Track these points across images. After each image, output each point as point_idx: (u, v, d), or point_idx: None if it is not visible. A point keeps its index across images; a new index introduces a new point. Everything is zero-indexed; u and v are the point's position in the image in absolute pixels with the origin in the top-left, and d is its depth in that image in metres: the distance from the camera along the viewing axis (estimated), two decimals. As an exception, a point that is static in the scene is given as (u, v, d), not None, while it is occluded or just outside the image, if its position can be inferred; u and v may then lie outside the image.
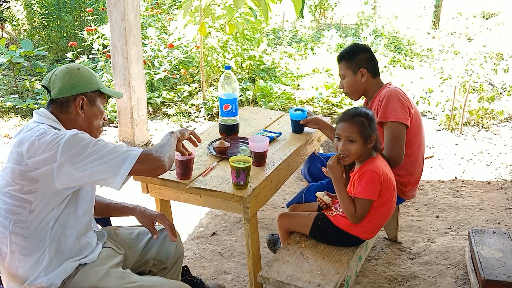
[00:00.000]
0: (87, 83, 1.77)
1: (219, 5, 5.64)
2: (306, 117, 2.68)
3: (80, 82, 1.75)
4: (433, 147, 4.59)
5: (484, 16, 11.80)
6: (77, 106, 1.75)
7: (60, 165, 1.57)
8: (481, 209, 3.46)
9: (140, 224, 2.02)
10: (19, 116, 5.30)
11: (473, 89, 5.96)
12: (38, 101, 5.41)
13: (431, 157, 4.39)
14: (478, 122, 5.12)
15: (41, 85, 1.80)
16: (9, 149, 1.69)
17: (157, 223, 1.99)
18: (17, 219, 1.63)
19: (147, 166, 1.64)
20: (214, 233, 3.16)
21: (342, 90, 2.64)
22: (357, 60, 2.53)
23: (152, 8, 7.36)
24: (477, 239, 2.64)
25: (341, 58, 2.57)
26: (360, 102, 2.87)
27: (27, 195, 1.61)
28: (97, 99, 1.82)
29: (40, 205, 1.61)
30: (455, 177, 4.00)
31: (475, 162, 4.26)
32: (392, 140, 2.38)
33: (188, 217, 3.30)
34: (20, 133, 1.70)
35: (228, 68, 2.61)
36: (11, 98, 5.50)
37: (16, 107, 5.40)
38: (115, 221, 2.21)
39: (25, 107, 5.34)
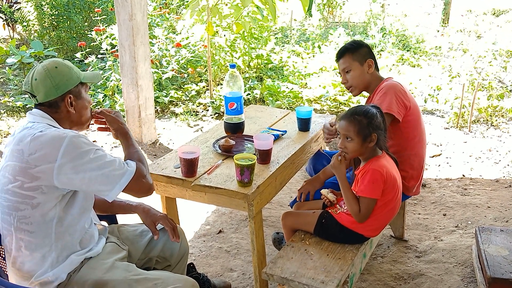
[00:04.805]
0: (69, 80, 1.75)
1: (226, 4, 5.66)
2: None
3: (62, 81, 1.74)
4: (441, 145, 4.57)
5: (494, 13, 11.69)
6: (67, 105, 1.76)
7: (60, 166, 1.60)
8: (489, 207, 3.43)
9: None
10: (29, 115, 5.36)
11: (482, 86, 5.91)
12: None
13: (439, 155, 4.37)
14: (487, 120, 5.08)
15: (24, 91, 1.82)
16: (8, 148, 1.70)
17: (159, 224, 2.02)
18: (21, 215, 1.65)
19: (139, 186, 1.75)
20: (220, 231, 3.18)
21: (344, 83, 2.61)
22: (362, 52, 2.55)
23: (160, 8, 7.40)
24: (484, 237, 2.62)
25: (344, 51, 2.56)
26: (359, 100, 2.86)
27: (29, 191, 1.63)
28: (81, 90, 1.81)
29: (43, 200, 1.64)
30: (463, 175, 3.98)
31: (483, 160, 4.23)
32: None
33: (194, 215, 3.33)
34: (15, 133, 1.72)
35: (233, 66, 2.62)
36: (22, 98, 5.57)
37: (27, 106, 5.47)
38: (121, 219, 2.23)
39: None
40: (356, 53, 2.53)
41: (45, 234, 1.67)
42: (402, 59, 7.42)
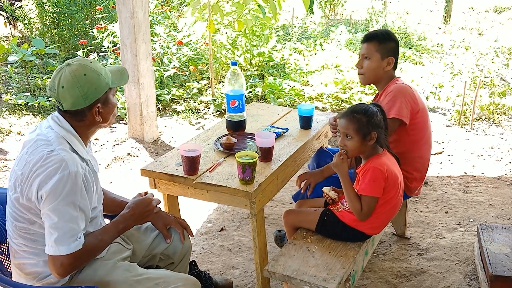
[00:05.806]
0: (97, 88, 1.65)
1: (227, 2, 5.65)
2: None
3: (91, 90, 1.63)
4: (442, 142, 4.56)
5: (496, 11, 11.65)
6: (94, 114, 1.67)
7: (42, 199, 1.57)
8: (491, 204, 3.43)
9: None
10: (31, 113, 5.36)
11: (484, 84, 5.89)
12: (50, 99, 5.47)
13: (441, 152, 4.36)
14: (489, 118, 5.07)
15: (49, 96, 1.77)
16: (24, 149, 1.67)
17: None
18: (21, 226, 1.65)
19: (62, 263, 1.57)
20: (222, 229, 3.18)
21: (358, 68, 2.56)
22: (389, 46, 2.48)
23: (162, 5, 7.40)
24: (486, 234, 2.62)
25: (373, 37, 2.48)
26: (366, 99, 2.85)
27: (23, 209, 1.62)
28: (109, 96, 1.71)
29: (38, 220, 1.62)
30: (465, 173, 3.98)
31: (485, 158, 4.23)
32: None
33: (196, 213, 3.33)
34: (35, 131, 1.69)
35: (234, 64, 2.62)
36: (24, 96, 5.57)
37: (28, 104, 5.47)
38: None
39: (37, 105, 5.40)
40: (382, 45, 2.46)
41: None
42: (404, 57, 7.40)
